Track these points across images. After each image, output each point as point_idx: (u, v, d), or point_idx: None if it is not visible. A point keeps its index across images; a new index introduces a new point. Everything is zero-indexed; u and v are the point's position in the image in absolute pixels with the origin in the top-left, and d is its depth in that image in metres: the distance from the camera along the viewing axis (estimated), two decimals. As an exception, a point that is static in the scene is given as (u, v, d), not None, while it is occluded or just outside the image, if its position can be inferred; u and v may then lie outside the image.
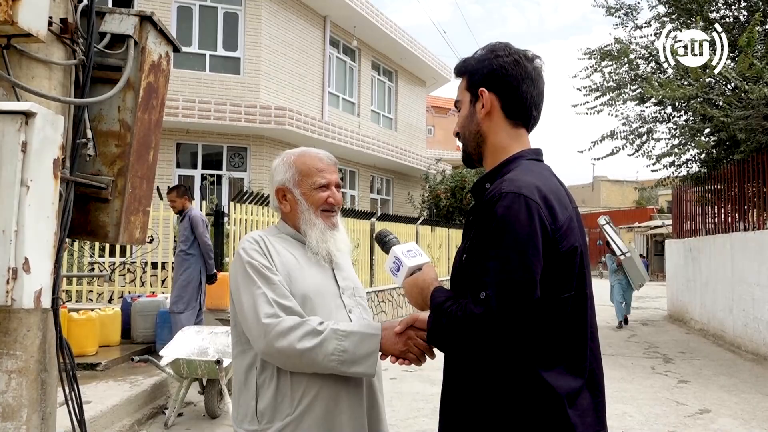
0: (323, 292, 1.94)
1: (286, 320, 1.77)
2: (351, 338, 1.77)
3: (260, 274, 1.83)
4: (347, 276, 2.09)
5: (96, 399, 5.04)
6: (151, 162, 2.18)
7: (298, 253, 1.97)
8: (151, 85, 2.07)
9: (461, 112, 1.68)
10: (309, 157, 2.05)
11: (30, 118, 1.60)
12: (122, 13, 2.01)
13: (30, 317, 1.85)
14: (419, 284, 1.66)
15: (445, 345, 1.55)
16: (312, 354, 1.74)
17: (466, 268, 1.54)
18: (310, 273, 1.95)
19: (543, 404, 1.44)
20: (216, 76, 13.82)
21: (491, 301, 1.37)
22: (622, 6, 11.52)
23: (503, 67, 1.59)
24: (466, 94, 1.66)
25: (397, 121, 20.89)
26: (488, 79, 1.61)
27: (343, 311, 1.96)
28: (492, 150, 1.64)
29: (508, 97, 1.60)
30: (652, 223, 32.15)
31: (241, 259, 1.87)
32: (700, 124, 10.29)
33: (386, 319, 12.49)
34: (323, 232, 1.99)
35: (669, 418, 5.87)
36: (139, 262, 9.00)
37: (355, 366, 1.77)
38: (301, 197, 2.00)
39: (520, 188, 1.45)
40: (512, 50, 1.63)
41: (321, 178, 2.01)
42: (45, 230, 1.69)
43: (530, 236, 1.41)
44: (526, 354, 1.44)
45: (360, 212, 12.56)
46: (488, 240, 1.43)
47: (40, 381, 1.89)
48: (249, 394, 1.85)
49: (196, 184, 13.35)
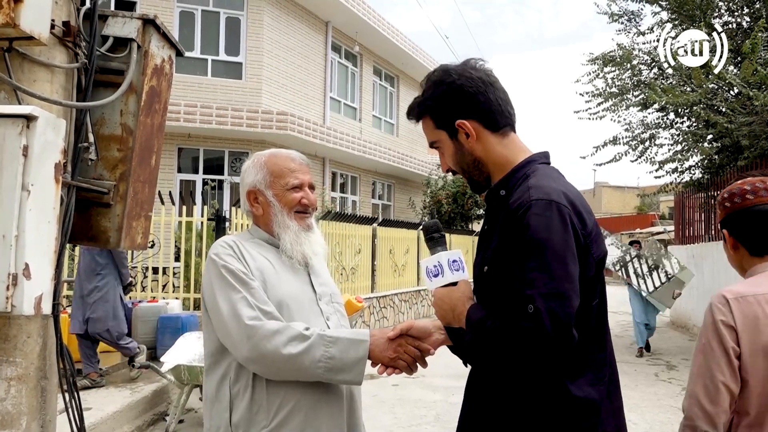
0: (300, 298, 1.88)
1: (271, 323, 1.70)
2: (338, 344, 1.70)
3: (238, 278, 1.77)
4: (324, 282, 2.02)
5: (96, 405, 5.01)
6: (153, 166, 2.16)
7: (272, 258, 1.91)
8: (153, 89, 2.05)
9: (446, 152, 1.64)
10: (280, 157, 1.99)
11: (31, 122, 1.58)
12: (125, 16, 1.99)
13: (30, 324, 1.82)
14: (453, 300, 1.57)
15: (488, 361, 1.50)
16: (298, 360, 1.67)
17: (489, 279, 1.50)
18: (286, 279, 1.89)
19: (570, 414, 1.41)
20: (218, 81, 13.83)
21: (541, 314, 1.31)
22: (625, 12, 11.53)
23: (462, 90, 1.55)
24: (440, 133, 1.63)
25: (399, 127, 20.89)
26: (456, 108, 1.57)
27: (321, 318, 1.90)
28: (497, 167, 1.60)
29: (484, 114, 1.57)
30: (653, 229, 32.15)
31: (216, 264, 1.80)
32: (704, 130, 10.26)
33: (387, 326, 12.46)
34: (297, 234, 1.93)
35: (674, 426, 5.82)
36: (140, 267, 8.97)
37: (343, 373, 1.71)
38: (274, 199, 1.94)
39: (549, 195, 1.41)
40: (456, 70, 1.59)
41: (294, 178, 1.96)
42: (46, 235, 1.67)
43: (568, 243, 1.37)
44: (556, 365, 1.40)
45: (361, 217, 12.53)
46: (524, 250, 1.38)
47: (40, 388, 1.86)
48: (222, 406, 1.78)
49: (198, 188, 13.34)
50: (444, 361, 1.63)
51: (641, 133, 11.51)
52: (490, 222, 1.59)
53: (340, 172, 17.73)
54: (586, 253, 1.42)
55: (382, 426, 5.68)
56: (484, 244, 1.60)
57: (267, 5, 14.26)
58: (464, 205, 19.54)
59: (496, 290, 1.46)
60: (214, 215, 8.73)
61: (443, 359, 2.12)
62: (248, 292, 1.75)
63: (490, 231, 1.56)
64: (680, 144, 11.33)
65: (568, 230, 1.38)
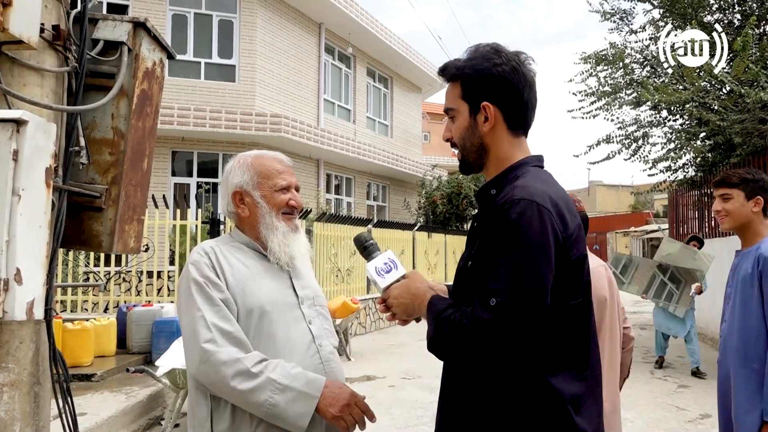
0: (280, 303, 1.86)
1: (223, 353, 1.68)
2: (286, 393, 1.68)
3: (203, 294, 1.76)
4: (307, 285, 2.00)
5: (91, 410, 4.99)
6: (146, 170, 2.15)
7: (252, 263, 1.90)
8: (144, 92, 2.04)
9: (457, 122, 1.62)
10: (267, 158, 1.98)
11: (21, 126, 1.57)
12: (115, 19, 1.98)
13: (22, 329, 1.81)
14: (412, 291, 1.60)
15: (447, 353, 1.51)
16: (243, 395, 1.67)
17: (471, 274, 1.51)
18: (266, 283, 1.87)
19: (549, 409, 1.42)
20: (211, 84, 13.81)
21: (502, 307, 1.35)
22: (617, 11, 11.57)
23: (504, 78, 1.54)
24: (462, 103, 1.60)
25: (393, 128, 20.90)
26: (490, 91, 1.55)
27: (303, 323, 1.88)
28: (495, 160, 1.60)
29: (511, 109, 1.57)
30: (648, 227, 32.23)
31: (188, 276, 1.80)
32: (696, 128, 10.31)
33: (383, 327, 12.44)
34: (285, 235, 1.92)
35: (670, 423, 5.84)
36: (134, 271, 8.94)
37: (283, 423, 1.69)
38: (262, 200, 1.92)
39: (532, 195, 1.43)
40: (508, 56, 1.57)
41: (281, 179, 1.94)
42: (37, 240, 1.66)
43: (543, 244, 1.38)
44: (533, 359, 1.42)
45: (356, 219, 12.54)
46: (499, 247, 1.40)
47: (33, 394, 1.85)
48: (202, 416, 1.77)
49: (192, 192, 13.31)
50: (440, 362, 1.63)
51: (634, 132, 11.55)
52: (479, 219, 1.60)
53: (335, 173, 17.72)
54: (565, 254, 1.44)
55: (379, 427, 5.68)
56: (471, 240, 1.61)
57: (260, 8, 14.25)
58: (459, 205, 19.57)
59: (474, 285, 1.47)
60: (208, 218, 8.71)
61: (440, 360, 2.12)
62: (210, 310, 1.74)
63: (478, 228, 1.58)
64: (673, 142, 11.38)
65: (546, 232, 1.39)
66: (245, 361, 1.69)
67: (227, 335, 1.72)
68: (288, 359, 1.78)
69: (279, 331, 1.82)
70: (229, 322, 1.75)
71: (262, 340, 1.80)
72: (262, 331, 1.81)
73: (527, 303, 1.36)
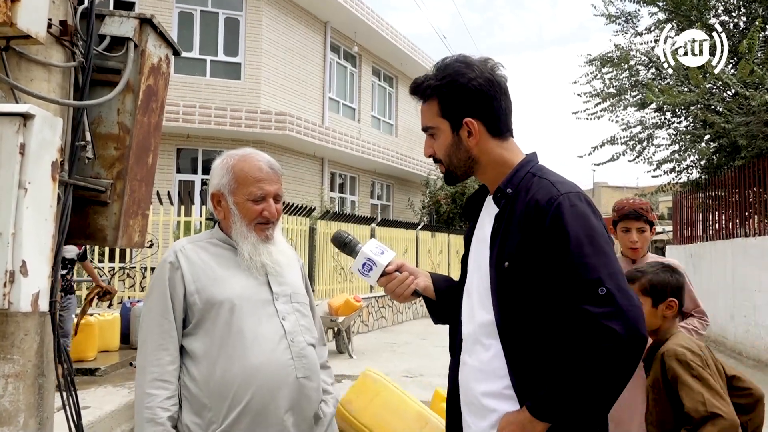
0: (253, 299, 1.86)
1: (149, 387, 1.79)
2: None
3: (160, 305, 1.86)
4: (285, 281, 1.96)
5: (95, 404, 5.01)
6: (151, 165, 2.17)
7: (226, 259, 1.90)
8: (150, 88, 2.06)
9: (440, 140, 1.62)
10: (249, 162, 1.91)
11: (28, 120, 1.59)
12: (122, 15, 2.00)
13: (27, 321, 1.83)
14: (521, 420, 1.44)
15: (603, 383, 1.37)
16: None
17: (511, 274, 1.49)
18: (238, 280, 1.87)
19: None
20: (217, 82, 13.83)
21: (614, 295, 1.36)
22: (622, 13, 11.56)
23: (481, 91, 1.55)
24: (443, 121, 1.60)
25: (398, 127, 20.91)
26: (469, 106, 1.56)
27: (276, 319, 1.88)
28: (492, 165, 1.62)
29: (492, 119, 1.59)
30: (652, 229, 32.08)
31: (154, 277, 1.91)
32: (701, 130, 10.29)
33: (386, 325, 12.46)
34: (255, 245, 1.88)
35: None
36: (138, 267, 8.98)
37: None
38: (234, 207, 1.89)
39: (574, 187, 1.50)
40: (480, 67, 1.57)
41: (257, 189, 1.88)
42: (43, 233, 1.68)
43: (605, 228, 1.47)
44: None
45: (360, 217, 12.55)
46: (571, 241, 1.41)
47: (38, 385, 1.87)
48: None
49: (197, 189, 13.33)
50: (442, 362, 1.63)
51: (639, 133, 11.54)
52: (500, 220, 1.56)
53: (339, 172, 17.74)
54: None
55: (380, 425, 5.68)
56: (499, 241, 1.55)
57: (266, 6, 14.27)
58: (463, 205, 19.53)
59: (519, 285, 1.48)
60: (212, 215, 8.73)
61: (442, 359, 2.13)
62: (161, 321, 1.84)
63: (506, 228, 1.54)
64: (678, 144, 11.36)
65: (599, 216, 1.48)
66: (153, 402, 1.80)
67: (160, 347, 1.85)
68: (257, 354, 1.80)
69: (248, 325, 1.83)
70: (171, 336, 1.85)
71: (231, 335, 1.82)
72: (232, 326, 1.82)
73: (626, 283, 1.41)
